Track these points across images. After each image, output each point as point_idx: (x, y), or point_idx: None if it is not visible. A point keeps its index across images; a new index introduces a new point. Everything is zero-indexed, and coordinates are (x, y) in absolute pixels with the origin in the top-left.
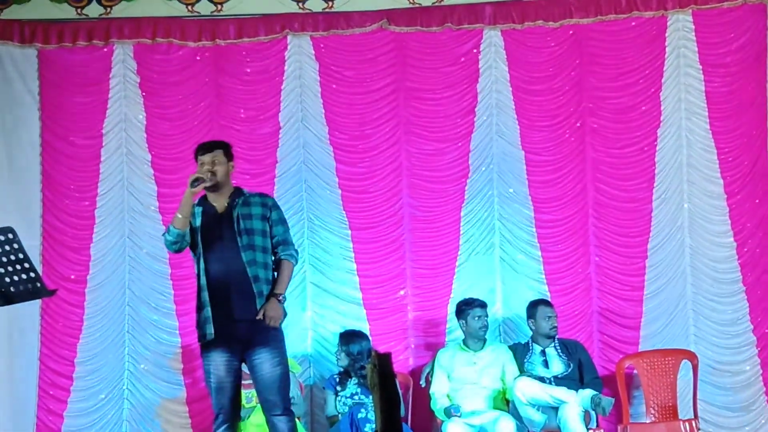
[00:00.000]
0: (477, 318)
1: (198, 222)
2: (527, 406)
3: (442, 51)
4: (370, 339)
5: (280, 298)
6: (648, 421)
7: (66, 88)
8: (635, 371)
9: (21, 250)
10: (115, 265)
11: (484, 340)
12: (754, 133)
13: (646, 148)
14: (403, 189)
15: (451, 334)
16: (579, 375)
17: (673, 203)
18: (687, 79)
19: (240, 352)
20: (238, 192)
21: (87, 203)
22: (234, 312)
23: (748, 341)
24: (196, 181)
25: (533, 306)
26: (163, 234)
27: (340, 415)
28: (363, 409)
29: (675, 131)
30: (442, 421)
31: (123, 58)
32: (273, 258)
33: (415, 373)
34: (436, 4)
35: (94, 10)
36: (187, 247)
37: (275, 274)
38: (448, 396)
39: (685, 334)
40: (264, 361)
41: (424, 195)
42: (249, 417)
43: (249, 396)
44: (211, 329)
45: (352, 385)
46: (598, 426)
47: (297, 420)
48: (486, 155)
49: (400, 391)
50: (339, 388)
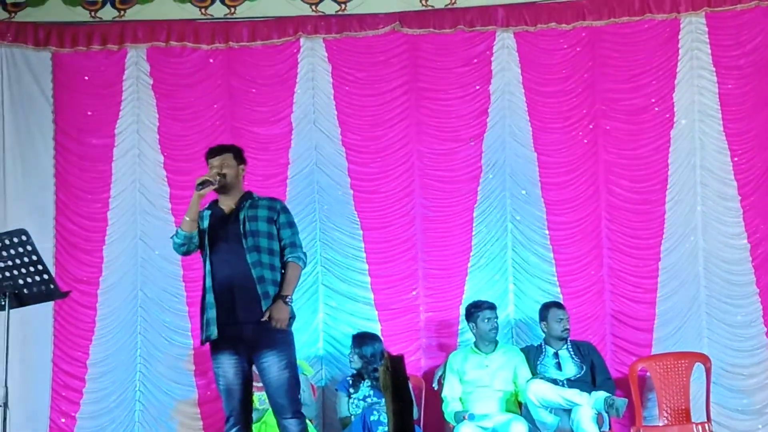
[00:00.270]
0: (487, 320)
1: (206, 224)
2: (540, 408)
3: (454, 53)
4: (383, 340)
5: (287, 300)
6: (661, 424)
7: (79, 91)
8: (648, 374)
9: (34, 252)
10: (128, 266)
11: (496, 343)
12: None
13: (659, 150)
14: (415, 189)
15: (463, 335)
16: (591, 377)
17: (687, 205)
18: (700, 81)
19: (247, 354)
20: (247, 195)
21: (100, 205)
22: (238, 314)
23: (761, 344)
24: (202, 183)
25: (545, 308)
26: (171, 237)
27: (352, 417)
28: (375, 411)
29: (688, 133)
30: (454, 425)
31: (136, 60)
32: (281, 260)
33: (427, 375)
34: (449, 7)
35: (107, 13)
36: (199, 250)
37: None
38: (461, 399)
39: (699, 337)
40: (271, 364)
41: (437, 195)
42: (264, 417)
43: (262, 398)
44: (214, 331)
45: (365, 387)
46: (610, 429)
47: (309, 422)
48: (498, 157)
49: (413, 394)
50: (352, 390)
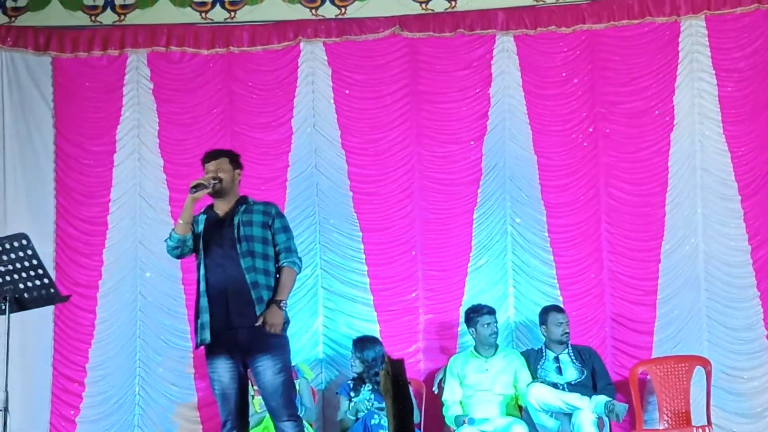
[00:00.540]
0: (486, 325)
1: (200, 228)
2: (540, 412)
3: (454, 56)
4: (383, 344)
5: (281, 305)
6: (661, 428)
7: (80, 95)
8: (648, 377)
9: (35, 256)
10: (127, 270)
11: (496, 346)
12: None
13: (659, 153)
14: (414, 192)
15: (463, 337)
16: (592, 382)
17: (687, 207)
18: (700, 84)
19: (241, 358)
20: (242, 200)
21: (99, 209)
22: (232, 318)
23: (762, 347)
24: (197, 186)
25: (545, 312)
26: (165, 240)
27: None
28: (376, 415)
29: (688, 135)
30: (455, 429)
31: (136, 65)
32: (276, 265)
33: (427, 378)
34: (449, 10)
35: (108, 18)
36: (193, 254)
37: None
38: (461, 403)
39: (699, 340)
40: (266, 368)
41: (436, 198)
42: (265, 421)
43: (263, 402)
44: (207, 335)
45: (366, 391)
46: None
47: (310, 426)
48: (498, 159)
49: (413, 398)
50: (353, 394)
